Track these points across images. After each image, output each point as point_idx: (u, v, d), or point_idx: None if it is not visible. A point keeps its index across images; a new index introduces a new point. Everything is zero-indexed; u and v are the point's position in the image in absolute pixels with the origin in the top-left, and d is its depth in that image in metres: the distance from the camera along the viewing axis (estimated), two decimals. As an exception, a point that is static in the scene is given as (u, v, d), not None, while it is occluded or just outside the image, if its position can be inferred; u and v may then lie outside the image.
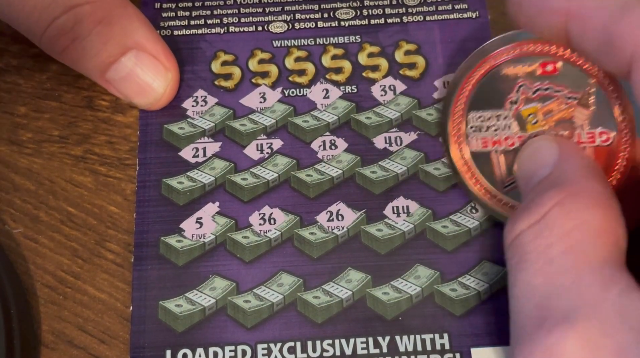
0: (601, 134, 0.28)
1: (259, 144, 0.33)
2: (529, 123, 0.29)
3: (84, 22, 0.31)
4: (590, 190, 0.24)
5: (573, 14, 0.24)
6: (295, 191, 0.32)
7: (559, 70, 0.29)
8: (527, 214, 0.24)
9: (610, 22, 0.23)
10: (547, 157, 0.26)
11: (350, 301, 0.30)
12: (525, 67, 0.29)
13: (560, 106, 0.28)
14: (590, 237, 0.23)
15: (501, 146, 0.29)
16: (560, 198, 0.24)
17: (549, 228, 0.23)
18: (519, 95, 0.29)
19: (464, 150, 0.29)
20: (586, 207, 0.23)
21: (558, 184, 0.24)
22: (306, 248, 0.31)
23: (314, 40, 0.35)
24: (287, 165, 0.32)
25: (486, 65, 0.30)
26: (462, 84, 0.30)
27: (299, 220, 0.31)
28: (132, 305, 0.30)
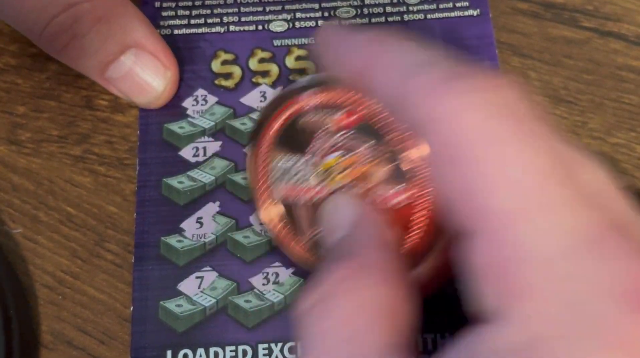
0: (400, 193, 0.26)
1: (259, 143, 0.33)
2: (329, 176, 0.28)
3: (83, 20, 0.31)
4: (375, 264, 0.23)
5: (369, 69, 0.23)
6: (296, 191, 0.32)
7: (359, 123, 0.27)
8: (313, 290, 0.23)
9: (403, 83, 0.22)
10: (343, 218, 0.25)
11: (351, 301, 0.30)
12: (327, 116, 0.28)
13: (360, 160, 0.27)
14: (371, 319, 0.21)
15: (305, 196, 0.28)
16: (345, 273, 0.22)
17: (329, 309, 0.22)
18: (320, 145, 0.28)
19: (271, 202, 0.28)
20: (371, 284, 0.22)
21: (346, 254, 0.23)
22: (307, 248, 0.31)
23: (314, 39, 0.35)
24: (288, 164, 0.32)
25: (288, 111, 0.28)
26: (265, 130, 0.28)
27: (299, 220, 0.31)
28: (133, 305, 0.30)
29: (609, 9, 0.36)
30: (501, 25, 0.36)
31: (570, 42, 0.35)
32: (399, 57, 0.22)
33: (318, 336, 0.22)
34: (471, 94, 0.20)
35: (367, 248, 0.24)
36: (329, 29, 0.26)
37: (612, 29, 0.35)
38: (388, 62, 0.23)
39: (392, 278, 0.23)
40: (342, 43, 0.25)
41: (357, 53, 0.24)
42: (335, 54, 0.25)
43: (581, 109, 0.34)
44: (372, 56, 0.23)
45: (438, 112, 0.20)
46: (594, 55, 0.35)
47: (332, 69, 0.25)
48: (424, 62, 0.22)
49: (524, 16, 0.36)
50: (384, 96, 0.23)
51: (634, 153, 0.33)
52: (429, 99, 0.21)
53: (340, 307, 0.22)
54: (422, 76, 0.21)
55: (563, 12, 0.36)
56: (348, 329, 0.21)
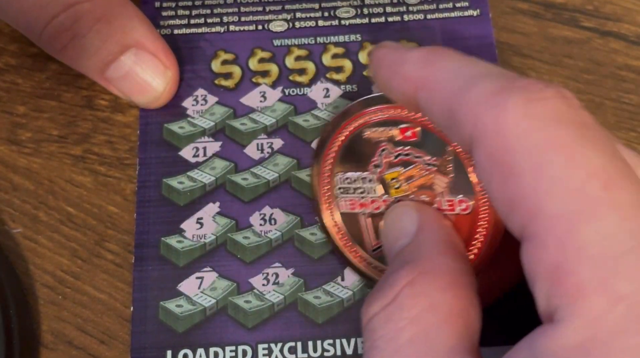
0: (460, 202, 0.27)
1: (259, 143, 0.33)
2: (392, 188, 0.29)
3: (83, 20, 0.31)
4: (443, 268, 0.23)
5: (422, 85, 0.24)
6: (296, 191, 0.32)
7: (419, 136, 0.28)
8: (380, 295, 0.23)
9: (453, 97, 0.22)
10: (406, 226, 0.26)
11: (351, 302, 0.30)
12: (387, 131, 0.29)
13: (421, 172, 0.28)
14: (439, 322, 0.22)
15: (368, 208, 0.29)
16: (411, 277, 0.23)
17: (399, 311, 0.22)
18: (382, 159, 0.29)
19: (334, 213, 0.29)
20: (438, 288, 0.23)
21: (412, 260, 0.24)
22: (307, 249, 0.31)
23: (314, 39, 0.35)
24: (288, 165, 0.32)
25: (350, 127, 0.29)
26: (329, 145, 0.30)
27: (299, 220, 0.31)
28: (133, 305, 0.30)
29: (609, 9, 0.36)
30: (501, 25, 0.35)
31: (570, 42, 0.35)
32: (448, 74, 0.23)
33: (388, 337, 0.22)
34: (521, 105, 0.20)
35: (432, 253, 0.24)
36: (380, 49, 0.26)
37: (612, 29, 0.35)
38: (439, 79, 0.23)
39: (458, 283, 0.23)
40: (394, 63, 0.25)
41: (409, 72, 0.24)
42: (388, 75, 0.25)
43: (581, 109, 0.34)
44: (423, 74, 0.24)
45: (488, 124, 0.21)
46: (594, 55, 0.35)
47: (387, 90, 0.26)
48: (473, 76, 0.22)
49: (524, 16, 0.36)
50: (438, 113, 0.23)
51: (634, 153, 0.33)
52: (480, 112, 0.21)
53: (409, 310, 0.22)
54: (471, 91, 0.22)
55: (563, 12, 0.36)
56: (417, 331, 0.22)
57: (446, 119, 0.23)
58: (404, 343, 0.22)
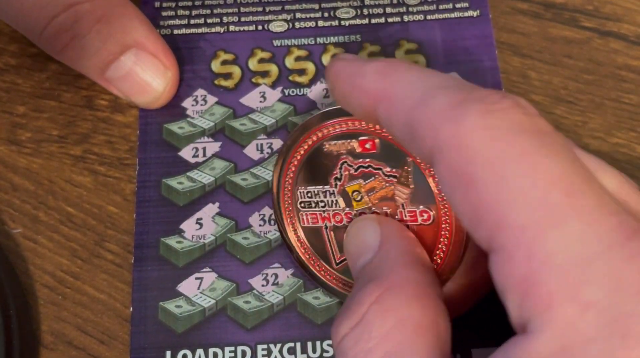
0: (422, 213, 0.27)
1: (259, 144, 0.33)
2: (354, 200, 0.28)
3: (83, 20, 0.31)
4: (408, 281, 0.23)
5: (380, 98, 0.23)
6: (295, 191, 0.32)
7: (377, 147, 0.28)
8: (348, 314, 0.23)
9: (412, 111, 0.22)
10: (369, 240, 0.26)
11: (350, 302, 0.30)
12: (346, 144, 0.29)
13: (382, 183, 0.28)
14: (409, 337, 0.22)
15: (330, 222, 0.29)
16: (377, 294, 0.23)
17: (367, 330, 0.22)
18: (343, 172, 0.29)
19: (297, 226, 0.29)
20: (404, 302, 0.22)
21: (377, 276, 0.24)
22: (306, 249, 0.31)
23: (314, 39, 0.35)
24: (288, 165, 0.32)
25: (309, 141, 0.29)
26: (289, 159, 0.29)
27: (299, 220, 0.31)
28: (132, 305, 0.30)
29: (609, 9, 0.36)
30: (501, 25, 0.35)
31: (570, 42, 0.35)
32: (406, 87, 0.23)
33: (360, 356, 0.22)
34: (479, 117, 0.20)
35: (397, 267, 0.24)
36: (338, 62, 0.26)
37: (612, 29, 0.35)
38: (396, 94, 0.23)
39: (425, 295, 0.23)
40: (351, 76, 0.25)
41: (366, 86, 0.24)
42: (346, 88, 0.25)
43: (581, 109, 0.34)
44: (381, 88, 0.24)
45: (447, 138, 0.21)
46: (594, 55, 0.35)
47: (345, 103, 0.26)
48: (430, 89, 0.22)
49: (524, 16, 0.36)
50: (396, 127, 0.23)
51: (634, 153, 0.33)
52: (439, 126, 0.21)
53: (378, 328, 0.22)
54: (429, 104, 0.21)
55: (563, 12, 0.36)
56: (387, 349, 0.22)
57: (406, 133, 0.22)
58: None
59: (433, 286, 0.24)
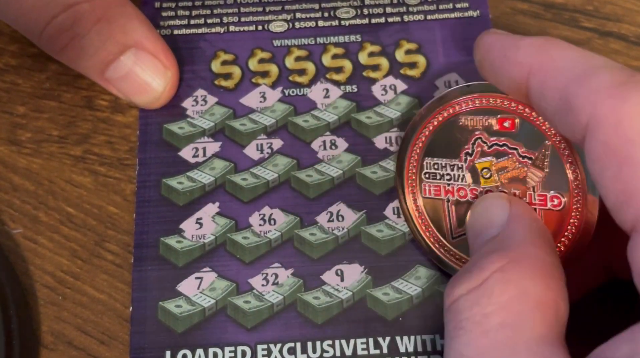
0: (553, 198, 0.27)
1: (259, 144, 0.33)
2: (482, 177, 0.28)
3: (83, 20, 0.31)
4: (534, 258, 0.23)
5: (535, 71, 0.24)
6: (295, 192, 0.32)
7: (517, 127, 0.28)
8: (468, 278, 0.23)
9: (569, 85, 0.22)
10: (497, 216, 0.26)
11: (350, 302, 0.30)
12: (483, 120, 0.29)
13: (515, 164, 0.28)
14: (529, 309, 0.22)
15: (453, 196, 0.29)
16: (502, 264, 0.23)
17: (487, 295, 0.22)
18: (475, 148, 0.29)
19: (417, 196, 0.29)
20: (528, 276, 0.23)
21: (503, 248, 0.24)
22: (306, 249, 0.31)
23: (314, 39, 0.35)
24: (287, 165, 0.32)
25: (445, 113, 0.29)
26: (420, 129, 0.29)
27: (299, 221, 0.31)
28: (132, 305, 0.30)
29: (609, 9, 0.36)
30: (501, 25, 0.35)
31: (571, 43, 0.35)
32: (565, 62, 0.23)
33: (475, 319, 0.22)
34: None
35: (524, 243, 0.24)
36: (490, 35, 0.26)
37: (612, 29, 0.35)
38: (555, 67, 0.23)
39: (550, 274, 0.23)
40: (505, 49, 0.25)
41: (521, 58, 0.24)
42: (498, 60, 0.25)
43: (581, 110, 0.34)
44: (538, 61, 0.24)
45: (608, 114, 0.21)
46: (594, 55, 0.35)
47: (495, 75, 0.26)
48: (592, 66, 0.22)
49: (524, 16, 0.36)
50: (550, 100, 0.23)
51: (634, 154, 0.33)
52: (599, 101, 0.21)
53: (499, 295, 0.22)
54: (591, 80, 0.22)
55: (563, 13, 0.36)
56: (506, 316, 0.22)
57: (559, 107, 0.23)
58: (492, 327, 0.22)
59: (558, 268, 0.24)
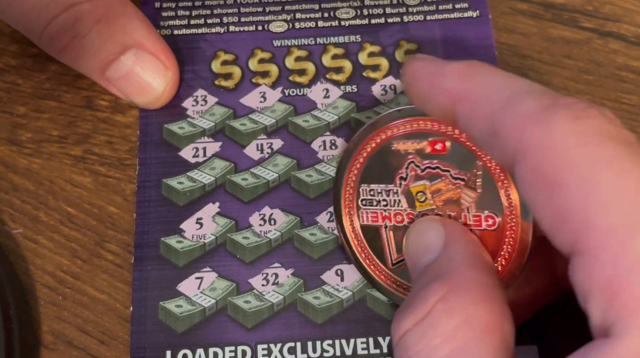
0: (487, 218, 0.27)
1: (259, 144, 0.33)
2: (417, 201, 0.28)
3: (84, 20, 0.31)
4: (474, 282, 0.23)
5: (461, 99, 0.24)
6: (295, 192, 0.32)
7: (448, 149, 0.28)
8: (411, 311, 0.23)
9: (495, 113, 0.22)
10: (433, 240, 0.26)
11: (350, 302, 0.30)
12: (415, 144, 0.29)
13: (448, 186, 0.28)
14: (476, 336, 0.22)
15: (390, 221, 0.29)
16: (443, 293, 0.23)
17: (432, 327, 0.22)
18: (409, 171, 0.29)
19: (355, 223, 0.29)
20: (471, 302, 0.22)
21: (442, 275, 0.24)
22: (306, 249, 0.31)
23: (314, 39, 0.35)
24: (288, 165, 0.32)
25: (378, 138, 0.29)
26: (355, 155, 0.29)
27: (299, 221, 0.31)
28: (133, 305, 0.30)
29: (608, 9, 0.36)
30: (501, 25, 0.35)
31: (570, 43, 0.35)
32: (489, 89, 0.23)
33: (422, 354, 0.22)
34: (567, 122, 0.20)
35: (463, 267, 0.24)
36: (416, 62, 0.26)
37: (611, 30, 0.35)
38: (479, 94, 0.23)
39: (492, 297, 0.23)
40: (430, 76, 0.25)
41: (447, 86, 0.24)
42: (424, 88, 0.25)
43: (581, 110, 0.34)
44: (462, 89, 0.24)
45: (533, 140, 0.21)
46: (594, 55, 0.35)
47: (422, 103, 0.26)
48: (516, 92, 0.22)
49: (524, 17, 0.36)
50: (477, 128, 0.23)
51: (634, 154, 0.33)
52: (525, 128, 0.21)
53: (444, 326, 0.22)
54: (515, 107, 0.22)
55: (563, 13, 0.36)
56: (453, 347, 0.22)
57: (486, 134, 0.23)
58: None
59: (499, 289, 0.23)
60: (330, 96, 0.33)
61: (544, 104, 0.21)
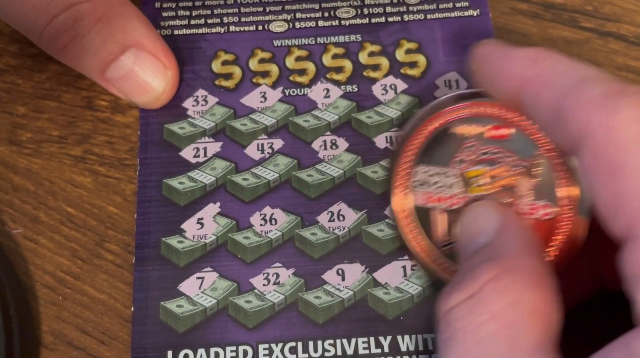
0: (543, 207, 0.27)
1: (259, 144, 0.33)
2: (473, 185, 0.28)
3: (84, 20, 0.31)
4: (528, 267, 0.23)
5: (529, 83, 0.24)
6: (296, 191, 0.32)
7: (510, 136, 0.28)
8: (461, 288, 0.23)
9: (561, 98, 0.23)
10: (488, 225, 0.26)
11: (351, 301, 0.30)
12: (476, 128, 0.28)
13: (506, 172, 0.28)
14: (524, 318, 0.22)
15: (444, 204, 0.28)
16: (495, 273, 0.23)
17: (481, 304, 0.22)
18: (466, 156, 0.28)
19: (407, 203, 0.29)
20: (522, 285, 0.22)
21: (495, 257, 0.24)
22: (307, 249, 0.31)
23: (314, 39, 0.35)
24: (288, 165, 0.32)
25: (439, 120, 0.29)
26: (413, 136, 0.29)
27: (300, 220, 0.31)
28: (134, 305, 0.30)
29: (608, 9, 0.36)
30: (501, 25, 0.36)
31: (570, 43, 0.35)
32: (557, 74, 0.23)
33: (468, 328, 0.22)
34: (634, 108, 0.21)
35: (516, 252, 0.24)
36: (485, 46, 0.27)
37: (611, 30, 0.35)
38: (548, 79, 0.24)
39: (542, 283, 0.23)
40: (499, 60, 0.25)
41: (515, 70, 0.25)
42: (493, 71, 0.26)
43: (581, 110, 0.34)
44: (531, 73, 0.24)
45: (600, 124, 0.21)
46: (594, 55, 0.35)
47: (490, 85, 0.26)
48: (584, 78, 0.22)
49: (524, 16, 0.36)
50: (543, 111, 0.24)
51: (634, 153, 0.33)
52: (591, 112, 0.21)
53: (493, 304, 0.22)
54: (583, 92, 0.22)
55: (563, 13, 0.36)
56: (500, 325, 0.22)
57: (552, 118, 0.23)
58: (486, 337, 0.22)
59: (550, 278, 0.23)
60: (331, 96, 0.33)
61: (611, 91, 0.21)
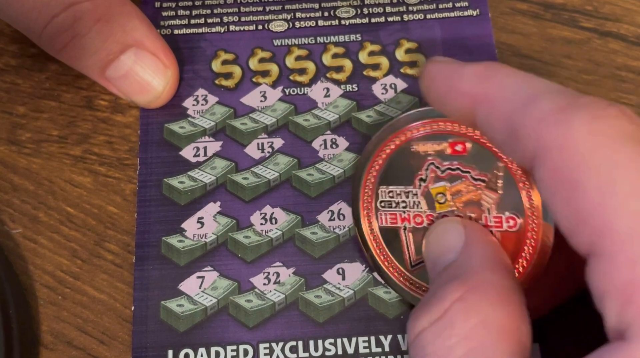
0: (508, 219, 0.27)
1: (259, 143, 0.33)
2: (437, 202, 0.28)
3: (84, 19, 0.31)
4: (493, 284, 0.23)
5: (480, 101, 0.24)
6: (296, 191, 0.32)
7: (469, 150, 0.28)
8: (428, 310, 0.23)
9: (514, 114, 0.22)
10: (453, 241, 0.26)
11: (352, 301, 0.30)
12: (435, 145, 0.29)
13: (468, 187, 0.28)
14: (492, 338, 0.22)
15: (410, 223, 0.29)
16: (461, 293, 0.23)
17: (449, 327, 0.22)
18: (428, 173, 0.29)
19: (373, 225, 0.29)
20: (488, 303, 0.22)
21: (460, 275, 0.24)
22: (308, 248, 0.31)
23: (314, 39, 0.35)
24: (288, 164, 0.32)
25: (397, 139, 0.29)
26: (374, 157, 0.29)
27: (300, 219, 0.31)
28: (134, 305, 0.30)
29: (608, 9, 0.36)
30: (501, 25, 0.36)
31: (570, 43, 0.35)
32: (508, 90, 0.23)
33: (438, 353, 0.22)
34: (586, 122, 0.20)
35: (481, 269, 0.24)
36: (434, 64, 0.26)
37: (611, 30, 0.35)
38: (498, 96, 0.23)
39: (509, 299, 0.23)
40: (449, 78, 0.25)
41: (465, 88, 0.24)
42: (442, 90, 0.25)
43: (581, 109, 0.34)
44: (481, 90, 0.24)
45: (552, 141, 0.21)
46: (594, 55, 0.35)
47: (441, 105, 0.26)
48: (534, 93, 0.22)
49: (524, 16, 0.36)
50: (496, 129, 0.23)
51: (634, 153, 0.33)
52: (544, 128, 0.21)
53: (460, 326, 0.22)
54: (534, 107, 0.22)
55: (562, 13, 0.36)
56: (470, 348, 0.22)
57: (505, 135, 0.23)
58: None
59: (517, 292, 0.23)
60: (331, 95, 0.33)
61: (563, 104, 0.21)
